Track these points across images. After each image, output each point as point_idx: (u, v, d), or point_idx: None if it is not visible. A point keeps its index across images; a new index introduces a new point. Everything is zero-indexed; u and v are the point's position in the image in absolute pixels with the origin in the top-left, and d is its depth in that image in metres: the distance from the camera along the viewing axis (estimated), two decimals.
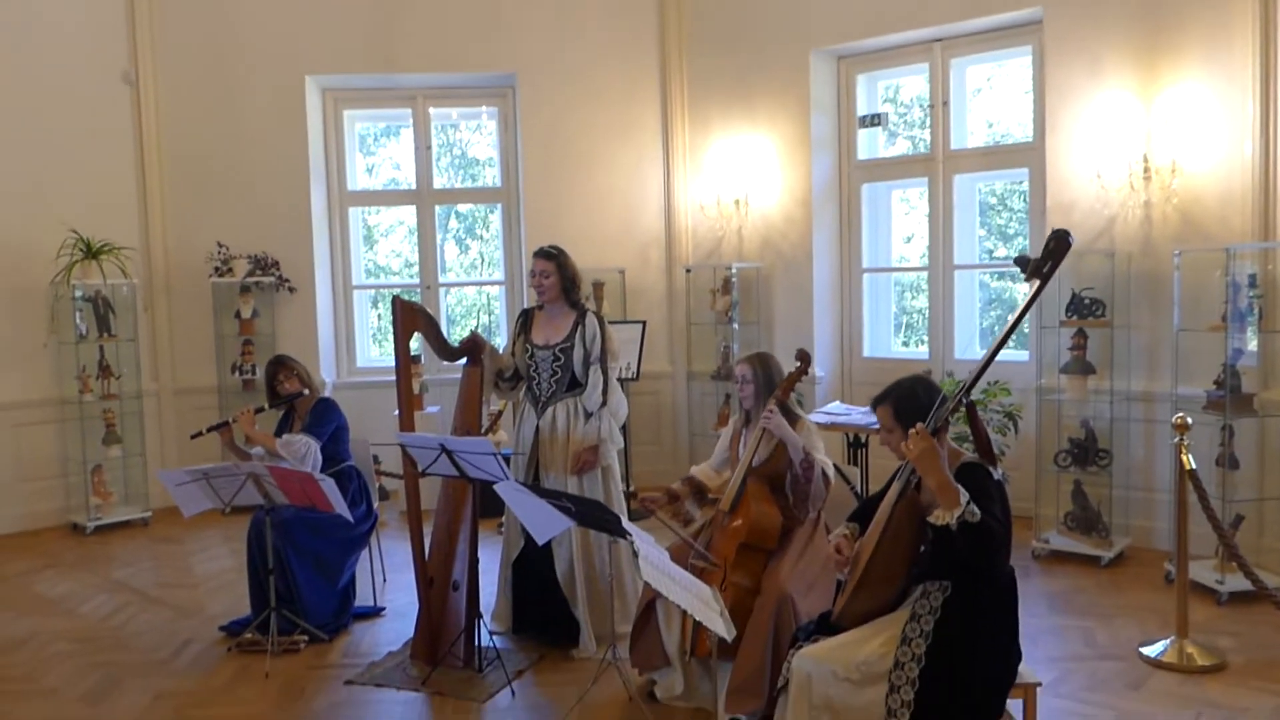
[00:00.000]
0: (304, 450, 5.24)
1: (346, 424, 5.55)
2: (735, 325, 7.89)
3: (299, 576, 5.08)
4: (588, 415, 4.88)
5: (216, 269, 8.02)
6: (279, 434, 5.46)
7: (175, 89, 8.03)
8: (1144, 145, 6.12)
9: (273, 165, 8.13)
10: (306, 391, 5.48)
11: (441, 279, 8.76)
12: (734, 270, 7.88)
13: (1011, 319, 3.20)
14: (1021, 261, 3.14)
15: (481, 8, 8.15)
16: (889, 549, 3.15)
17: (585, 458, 4.84)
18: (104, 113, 7.80)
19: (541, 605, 4.93)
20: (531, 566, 4.92)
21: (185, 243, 8.09)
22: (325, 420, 5.40)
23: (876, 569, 3.18)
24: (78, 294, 7.35)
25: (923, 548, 3.20)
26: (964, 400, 3.14)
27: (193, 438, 5.59)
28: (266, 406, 5.49)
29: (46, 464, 7.51)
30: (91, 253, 7.30)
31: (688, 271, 8.24)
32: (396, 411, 4.82)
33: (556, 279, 4.94)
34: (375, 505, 5.70)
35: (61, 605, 5.78)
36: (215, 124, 8.07)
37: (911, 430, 3.09)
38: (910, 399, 3.28)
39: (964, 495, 2.99)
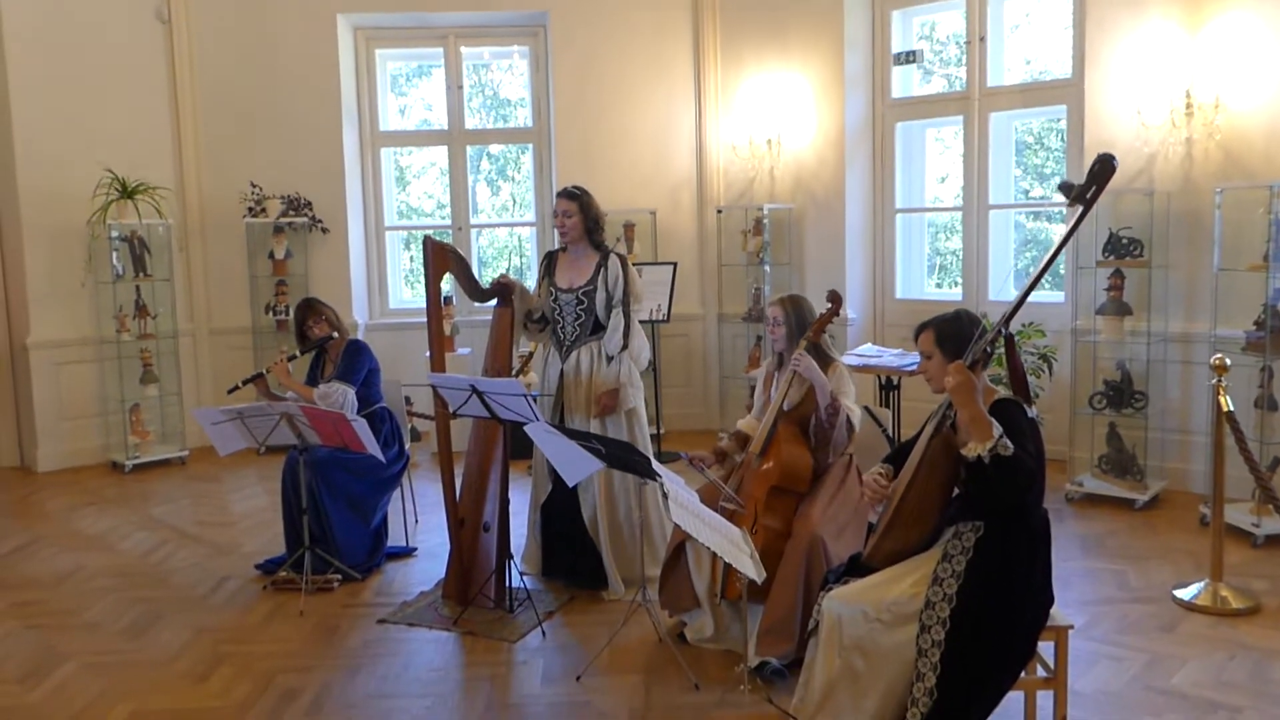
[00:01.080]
0: (341, 399, 5.20)
1: (378, 366, 5.51)
2: (767, 267, 7.78)
3: (333, 516, 5.08)
4: (609, 359, 4.81)
5: (250, 209, 7.98)
6: (311, 376, 5.45)
7: (208, 27, 7.94)
8: (1187, 80, 5.90)
9: (305, 105, 8.04)
10: (336, 335, 5.42)
11: (473, 220, 8.68)
12: (765, 211, 7.75)
13: (1055, 246, 3.09)
14: (1065, 187, 3.05)
15: None
16: (923, 486, 3.09)
17: (604, 401, 4.77)
18: (138, 51, 7.73)
19: (570, 548, 4.90)
20: (560, 509, 4.89)
21: (219, 183, 8.04)
22: (358, 364, 5.35)
23: (909, 507, 3.12)
24: (114, 234, 7.35)
25: (956, 490, 3.14)
26: (1003, 331, 3.06)
27: (229, 392, 5.52)
28: (298, 353, 5.45)
29: (86, 403, 7.57)
30: (127, 192, 7.29)
31: (719, 213, 8.11)
32: (428, 353, 4.79)
33: (579, 219, 4.85)
34: (407, 446, 5.69)
35: (103, 541, 5.84)
36: (247, 63, 7.99)
37: (950, 365, 3.03)
38: (953, 325, 3.22)
39: (997, 428, 2.92)
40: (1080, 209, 3.04)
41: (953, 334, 3.20)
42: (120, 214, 7.29)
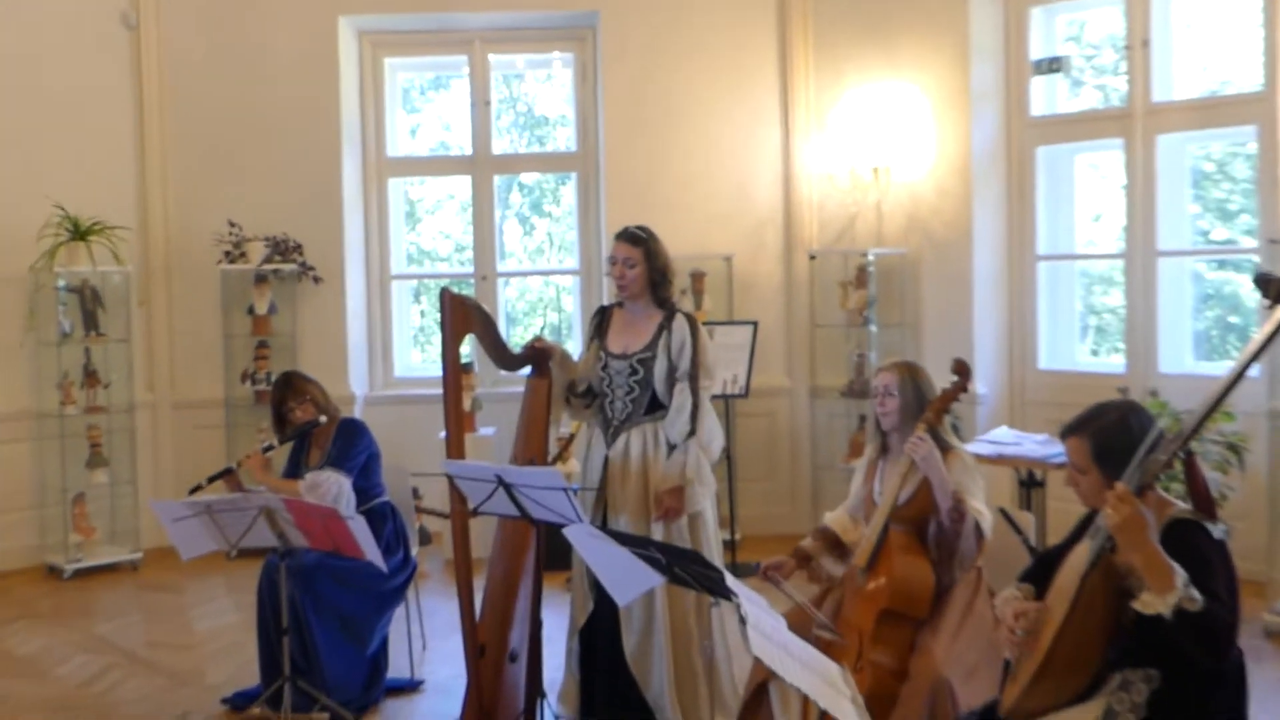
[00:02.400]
0: (335, 491, 5.20)
1: (379, 450, 5.54)
2: (872, 328, 7.76)
3: (320, 639, 5.07)
4: (671, 447, 4.76)
5: (227, 254, 8.12)
6: (292, 465, 5.48)
7: (183, 33, 8.17)
8: None
9: (297, 127, 8.22)
10: (323, 419, 5.43)
11: (500, 267, 8.79)
12: (871, 257, 7.75)
13: (1249, 349, 2.93)
14: (1262, 281, 2.93)
15: None
16: (1078, 630, 2.98)
17: (668, 503, 4.69)
18: (98, 64, 7.96)
19: (615, 683, 4.82)
20: (604, 635, 4.81)
21: (190, 221, 8.21)
22: (354, 449, 5.37)
23: (1062, 655, 3.01)
24: (61, 283, 7.49)
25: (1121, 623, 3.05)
26: (1181, 454, 2.93)
27: (191, 492, 5.45)
28: (276, 443, 5.47)
29: (18, 492, 7.63)
30: (79, 233, 7.42)
31: (812, 259, 8.14)
32: (443, 434, 4.79)
33: (643, 269, 4.81)
34: (414, 552, 5.69)
35: (34, 666, 5.88)
36: (229, 76, 8.19)
37: (1110, 492, 2.90)
38: (1119, 435, 3.08)
39: (1180, 576, 2.79)
40: None
41: (1118, 446, 3.05)
42: (71, 259, 7.43)
